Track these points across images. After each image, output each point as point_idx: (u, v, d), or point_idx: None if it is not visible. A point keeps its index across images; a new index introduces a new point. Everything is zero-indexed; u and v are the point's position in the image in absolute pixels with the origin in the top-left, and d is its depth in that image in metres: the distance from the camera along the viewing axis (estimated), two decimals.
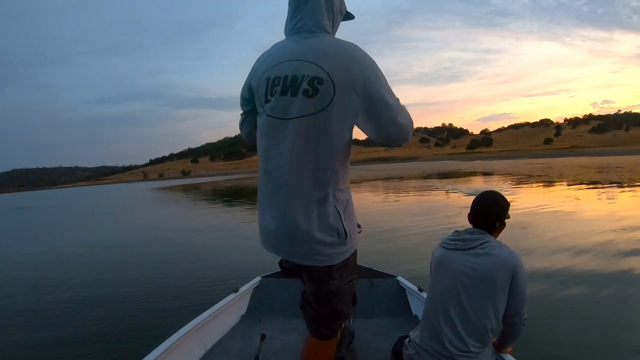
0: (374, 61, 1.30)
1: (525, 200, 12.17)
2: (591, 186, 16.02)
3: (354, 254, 1.47)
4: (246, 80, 1.49)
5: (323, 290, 1.44)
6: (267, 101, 1.33)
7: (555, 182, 19.18)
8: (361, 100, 1.26)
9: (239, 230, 10.85)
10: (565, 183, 18.22)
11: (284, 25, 1.43)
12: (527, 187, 17.19)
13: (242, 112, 1.57)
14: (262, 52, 1.46)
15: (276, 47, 1.41)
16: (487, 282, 1.58)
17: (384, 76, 1.30)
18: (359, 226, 2.91)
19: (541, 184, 18.35)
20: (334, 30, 1.43)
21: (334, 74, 1.23)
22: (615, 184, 16.29)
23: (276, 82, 1.31)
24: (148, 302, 4.92)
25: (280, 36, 1.45)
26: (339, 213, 1.33)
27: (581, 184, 17.32)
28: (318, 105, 1.24)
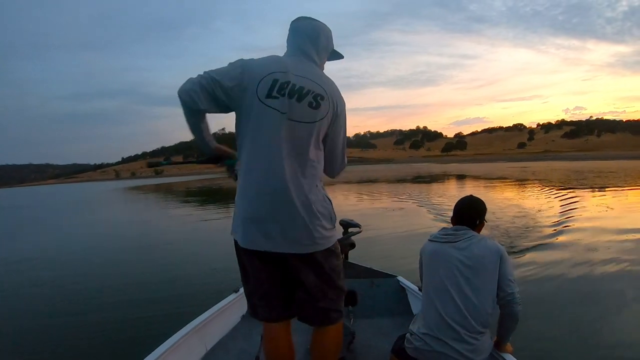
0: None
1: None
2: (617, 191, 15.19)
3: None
4: (237, 73, 1.46)
5: (326, 269, 1.57)
6: (270, 96, 1.45)
7: (570, 187, 17.25)
8: (335, 127, 1.58)
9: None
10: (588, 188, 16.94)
11: (262, 25, 1.55)
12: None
13: (213, 82, 1.45)
14: (249, 56, 1.60)
15: (282, 58, 1.56)
16: (480, 268, 1.74)
17: None
18: (359, 226, 2.92)
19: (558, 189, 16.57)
20: (321, 66, 1.65)
21: (330, 97, 1.53)
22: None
23: (284, 85, 1.46)
24: (147, 303, 4.86)
25: (260, 35, 1.37)
26: (328, 199, 1.56)
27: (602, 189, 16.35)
28: (317, 116, 1.49)
